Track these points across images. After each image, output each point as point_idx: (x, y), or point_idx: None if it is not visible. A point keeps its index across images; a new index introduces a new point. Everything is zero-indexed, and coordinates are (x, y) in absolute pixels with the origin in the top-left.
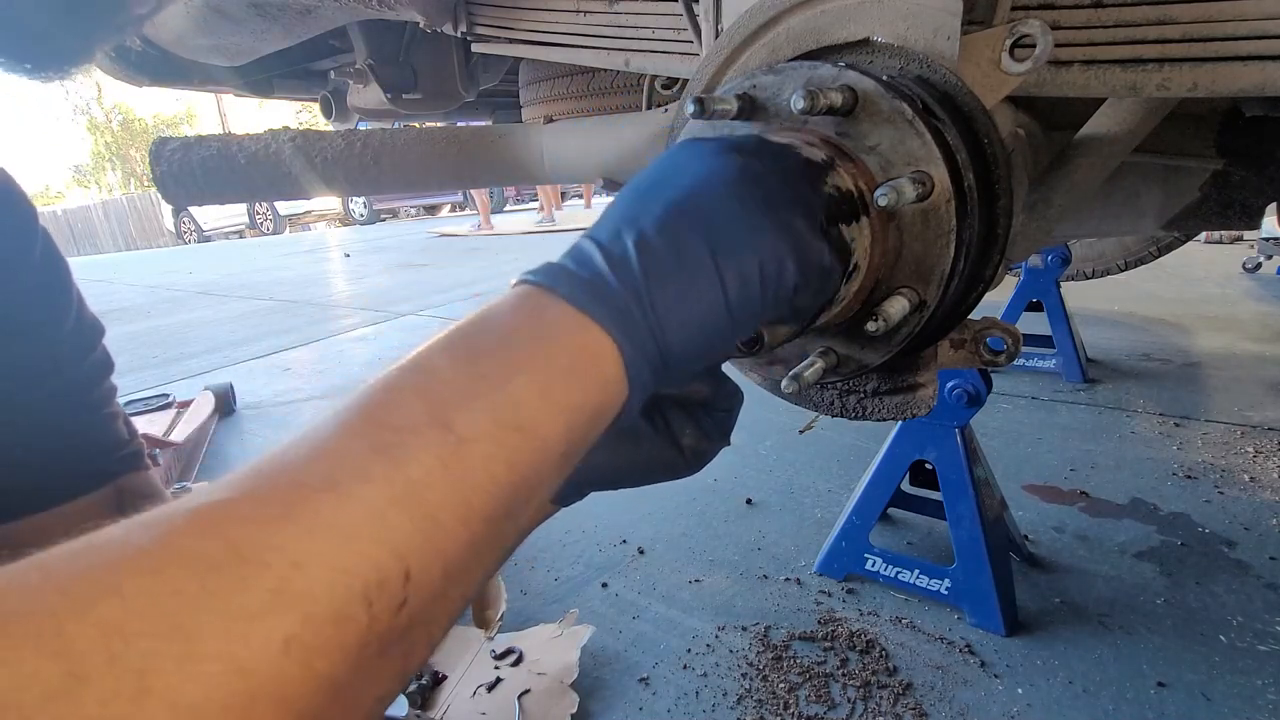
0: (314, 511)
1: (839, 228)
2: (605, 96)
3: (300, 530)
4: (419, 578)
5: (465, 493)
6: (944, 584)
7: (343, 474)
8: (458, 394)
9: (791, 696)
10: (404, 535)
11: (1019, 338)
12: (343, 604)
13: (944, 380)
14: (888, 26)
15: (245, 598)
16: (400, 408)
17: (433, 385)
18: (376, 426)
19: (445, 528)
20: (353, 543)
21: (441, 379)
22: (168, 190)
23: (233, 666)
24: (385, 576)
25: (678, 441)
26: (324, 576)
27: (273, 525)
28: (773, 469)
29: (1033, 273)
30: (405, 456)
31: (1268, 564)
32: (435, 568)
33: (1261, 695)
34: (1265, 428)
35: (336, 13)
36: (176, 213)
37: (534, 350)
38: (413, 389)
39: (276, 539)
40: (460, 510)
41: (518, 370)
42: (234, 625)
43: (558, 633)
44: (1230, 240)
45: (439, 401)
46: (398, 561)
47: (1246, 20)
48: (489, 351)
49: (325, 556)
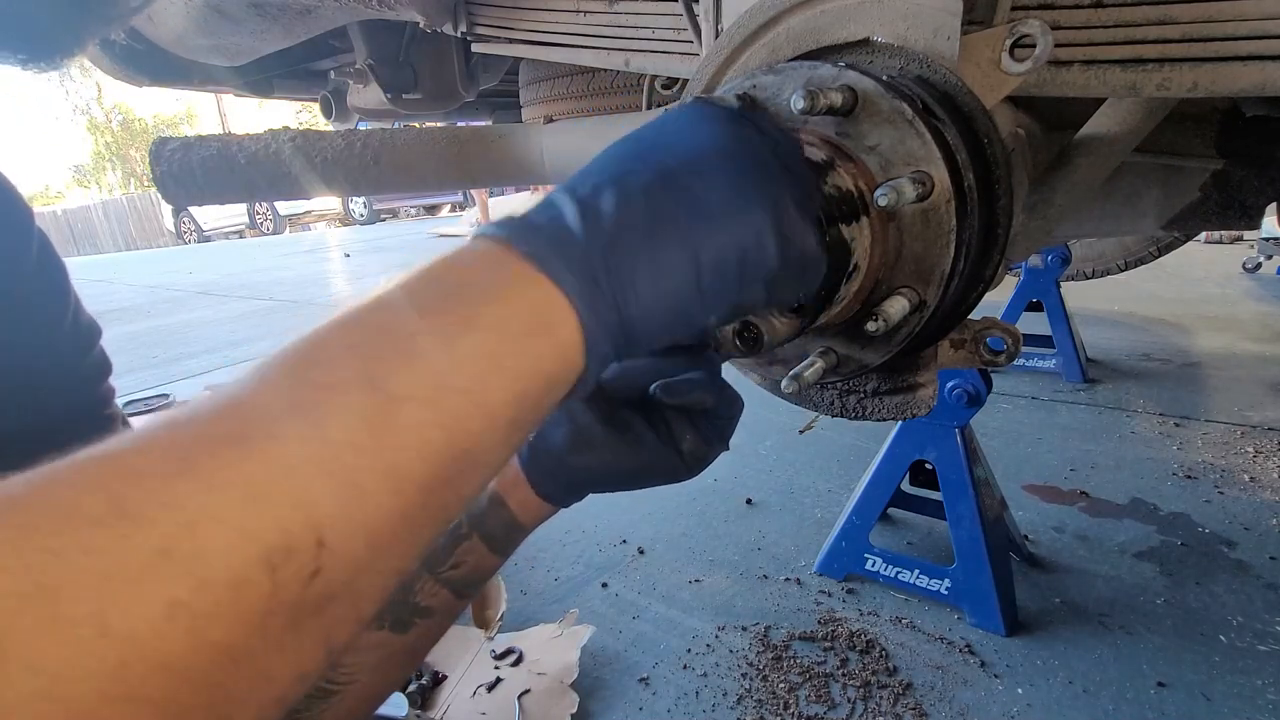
0: (216, 468)
1: (839, 227)
2: (605, 96)
3: (197, 487)
4: (337, 546)
5: (393, 457)
6: (944, 584)
7: (253, 429)
8: (395, 351)
9: (791, 696)
10: (318, 499)
11: (1019, 338)
12: (241, 569)
13: (944, 380)
14: (888, 26)
15: (125, 557)
16: (328, 363)
17: (369, 340)
18: (299, 382)
19: (369, 494)
20: (256, 503)
21: (379, 334)
22: (168, 190)
23: (103, 630)
24: (293, 542)
25: (678, 446)
26: (221, 538)
27: (167, 480)
28: (773, 469)
29: (1033, 273)
30: (326, 415)
31: (1268, 564)
32: (357, 537)
33: (1261, 695)
34: (1265, 428)
35: (336, 13)
36: (176, 213)
37: (487, 309)
38: (345, 343)
39: (168, 495)
40: (388, 476)
41: (467, 329)
42: (109, 586)
43: (558, 633)
44: (1230, 240)
45: (373, 358)
46: (309, 527)
47: (1246, 20)
48: (436, 307)
49: (224, 516)
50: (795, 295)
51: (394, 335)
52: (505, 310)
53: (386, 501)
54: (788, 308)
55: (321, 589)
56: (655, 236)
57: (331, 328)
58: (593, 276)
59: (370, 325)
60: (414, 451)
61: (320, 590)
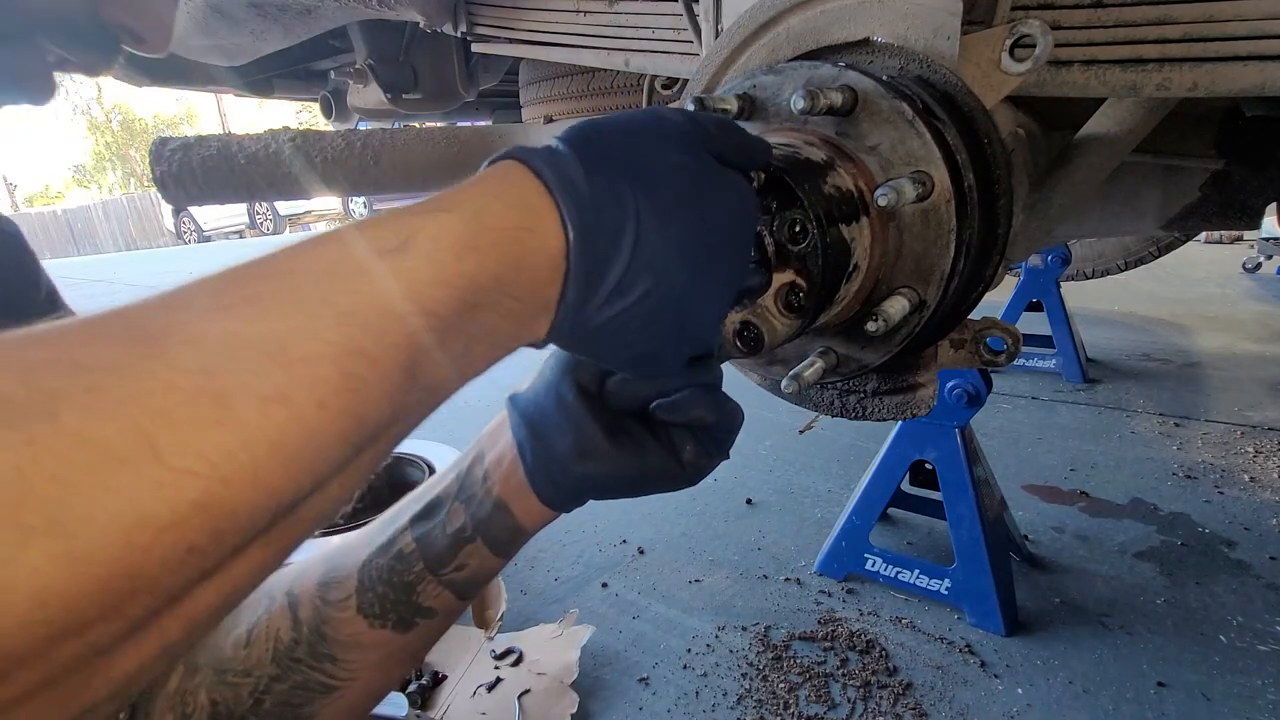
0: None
1: (839, 227)
2: (605, 96)
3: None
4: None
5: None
6: (944, 584)
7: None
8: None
9: (791, 696)
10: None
11: (1019, 338)
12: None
13: (944, 380)
14: (888, 26)
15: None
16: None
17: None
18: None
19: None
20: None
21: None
22: (168, 190)
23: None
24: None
25: (678, 456)
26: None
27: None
28: (773, 469)
29: (1033, 273)
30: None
31: (1268, 564)
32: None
33: (1261, 695)
34: (1265, 428)
35: (336, 13)
36: (176, 213)
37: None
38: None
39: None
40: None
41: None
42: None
43: (558, 633)
44: (1230, 240)
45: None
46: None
47: (1246, 20)
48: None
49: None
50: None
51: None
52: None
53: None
54: (787, 307)
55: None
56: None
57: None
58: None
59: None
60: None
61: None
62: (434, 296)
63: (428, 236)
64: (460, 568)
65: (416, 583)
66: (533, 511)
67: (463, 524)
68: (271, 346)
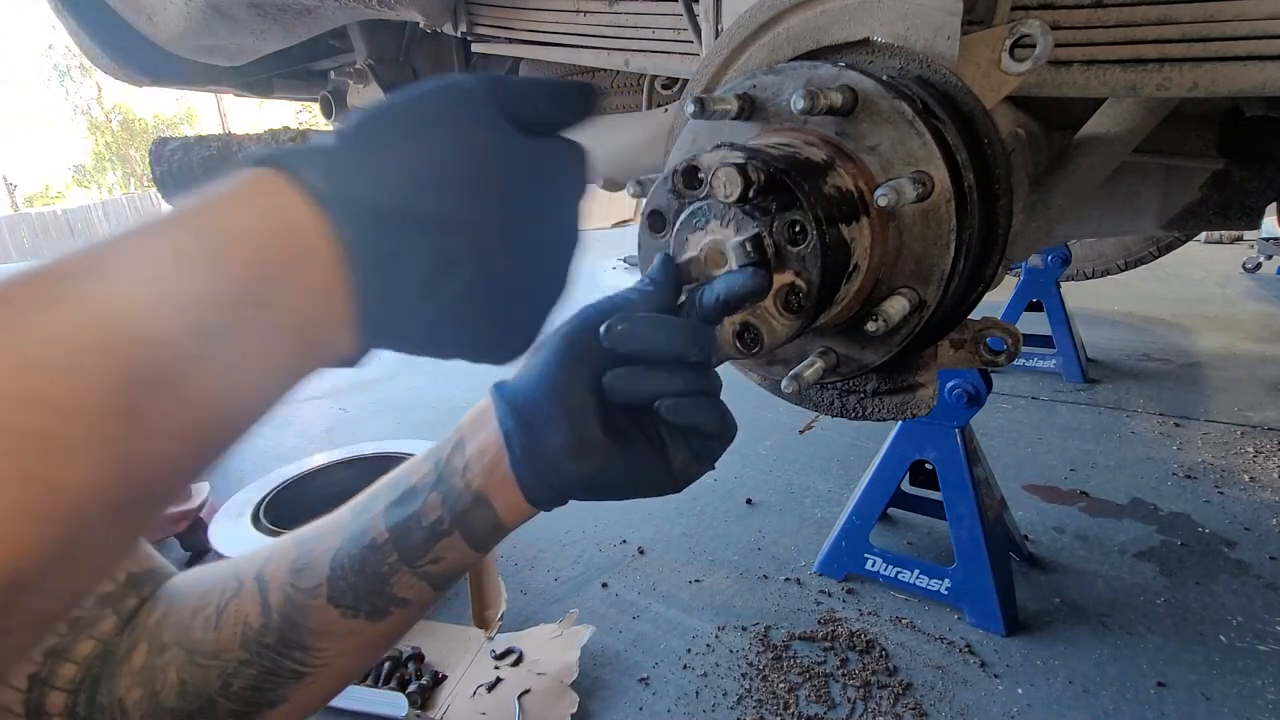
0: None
1: (839, 227)
2: (605, 97)
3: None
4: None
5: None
6: (944, 584)
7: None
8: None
9: (791, 696)
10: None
11: (1019, 338)
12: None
13: (944, 380)
14: (888, 26)
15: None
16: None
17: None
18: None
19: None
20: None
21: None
22: (168, 190)
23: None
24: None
25: (669, 461)
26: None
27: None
28: (773, 469)
29: (1033, 273)
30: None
31: (1268, 564)
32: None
33: (1261, 695)
34: (1265, 428)
35: (336, 13)
36: None
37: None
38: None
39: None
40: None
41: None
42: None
43: (558, 633)
44: (1230, 240)
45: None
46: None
47: (1246, 20)
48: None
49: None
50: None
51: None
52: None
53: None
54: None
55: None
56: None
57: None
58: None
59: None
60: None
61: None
62: (153, 322)
63: (143, 254)
64: (436, 560)
65: (390, 574)
66: (515, 507)
67: (439, 516)
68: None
